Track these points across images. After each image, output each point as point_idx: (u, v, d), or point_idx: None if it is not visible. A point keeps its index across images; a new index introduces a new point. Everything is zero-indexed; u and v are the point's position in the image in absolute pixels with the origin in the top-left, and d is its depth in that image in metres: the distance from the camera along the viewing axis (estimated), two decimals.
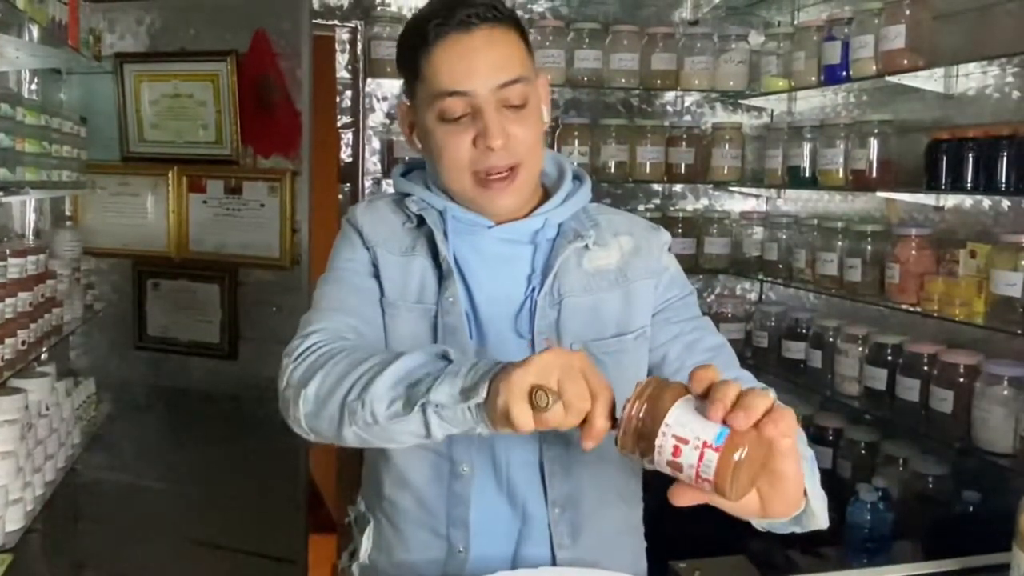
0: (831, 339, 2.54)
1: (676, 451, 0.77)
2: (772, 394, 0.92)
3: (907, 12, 2.21)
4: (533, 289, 1.14)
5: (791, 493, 0.85)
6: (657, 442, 0.78)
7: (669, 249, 1.23)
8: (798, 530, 0.97)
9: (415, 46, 1.10)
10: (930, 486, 2.16)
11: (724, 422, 0.77)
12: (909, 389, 2.18)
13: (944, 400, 2.06)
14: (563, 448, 1.13)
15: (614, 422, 0.83)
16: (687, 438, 0.77)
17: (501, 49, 1.08)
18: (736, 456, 0.75)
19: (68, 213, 2.74)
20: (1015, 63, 2.07)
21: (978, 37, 2.16)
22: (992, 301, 1.96)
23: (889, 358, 2.29)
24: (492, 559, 1.13)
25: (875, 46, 2.28)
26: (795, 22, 2.91)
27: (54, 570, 2.57)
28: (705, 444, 0.76)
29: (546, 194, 1.20)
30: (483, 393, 0.85)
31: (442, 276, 1.13)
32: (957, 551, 1.62)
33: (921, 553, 1.77)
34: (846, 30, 2.42)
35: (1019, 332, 1.89)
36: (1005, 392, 1.94)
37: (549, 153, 1.22)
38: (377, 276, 1.16)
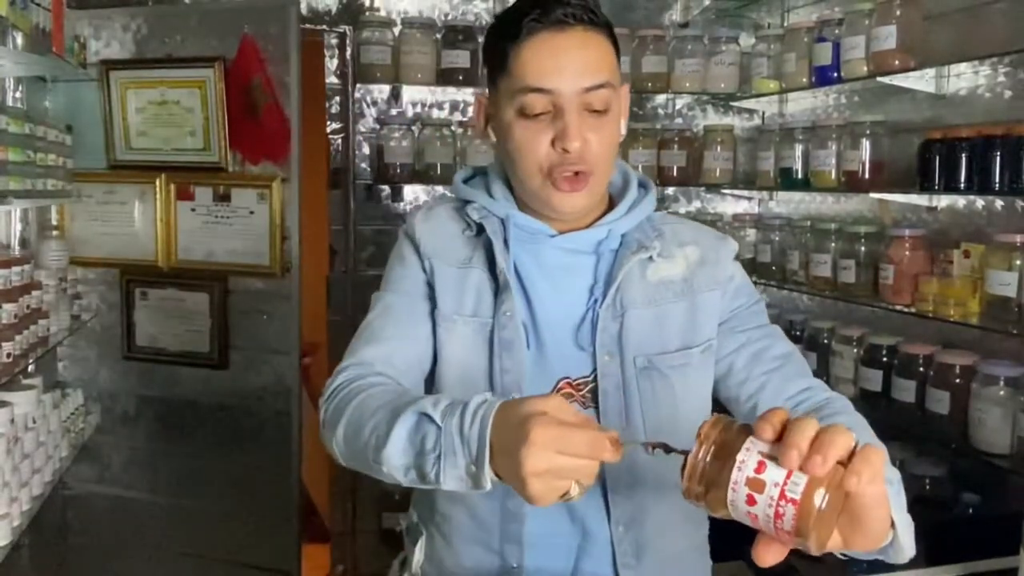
0: (825, 341, 2.53)
1: (750, 500, 0.71)
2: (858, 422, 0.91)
3: (898, 13, 2.20)
4: (595, 301, 1.11)
5: (876, 533, 0.78)
6: (729, 496, 0.72)
7: (736, 258, 1.20)
8: (883, 559, 0.90)
9: (505, 39, 1.07)
10: (927, 488, 2.16)
11: (801, 468, 0.70)
12: (905, 390, 2.17)
13: (940, 401, 2.05)
14: (626, 469, 1.09)
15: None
16: (762, 483, 0.70)
17: (592, 52, 1.06)
18: (816, 504, 0.69)
19: (54, 222, 2.71)
20: (1006, 62, 2.07)
21: (969, 37, 2.16)
22: (987, 301, 1.96)
23: (884, 359, 2.28)
24: (550, 573, 1.11)
25: (866, 47, 2.28)
26: (785, 24, 2.92)
27: None
28: (782, 495, 0.69)
29: (611, 203, 1.17)
30: (487, 484, 0.85)
31: (499, 288, 1.11)
32: (958, 553, 1.61)
33: (923, 557, 1.75)
34: (837, 31, 2.42)
35: (1014, 332, 1.89)
36: (1001, 392, 1.94)
37: (616, 160, 1.19)
38: (431, 292, 1.15)
